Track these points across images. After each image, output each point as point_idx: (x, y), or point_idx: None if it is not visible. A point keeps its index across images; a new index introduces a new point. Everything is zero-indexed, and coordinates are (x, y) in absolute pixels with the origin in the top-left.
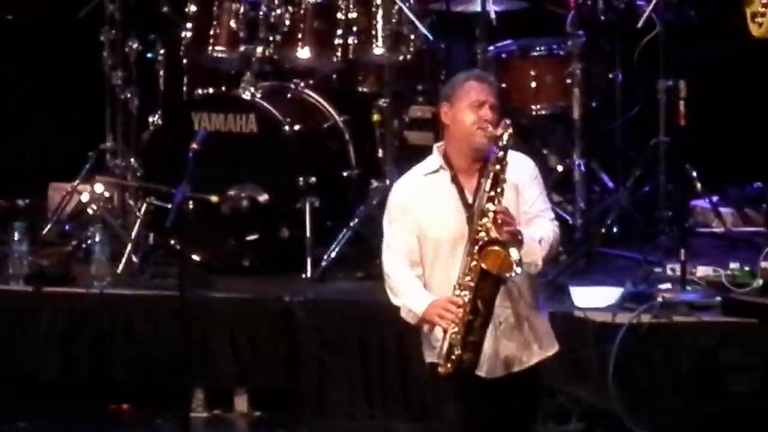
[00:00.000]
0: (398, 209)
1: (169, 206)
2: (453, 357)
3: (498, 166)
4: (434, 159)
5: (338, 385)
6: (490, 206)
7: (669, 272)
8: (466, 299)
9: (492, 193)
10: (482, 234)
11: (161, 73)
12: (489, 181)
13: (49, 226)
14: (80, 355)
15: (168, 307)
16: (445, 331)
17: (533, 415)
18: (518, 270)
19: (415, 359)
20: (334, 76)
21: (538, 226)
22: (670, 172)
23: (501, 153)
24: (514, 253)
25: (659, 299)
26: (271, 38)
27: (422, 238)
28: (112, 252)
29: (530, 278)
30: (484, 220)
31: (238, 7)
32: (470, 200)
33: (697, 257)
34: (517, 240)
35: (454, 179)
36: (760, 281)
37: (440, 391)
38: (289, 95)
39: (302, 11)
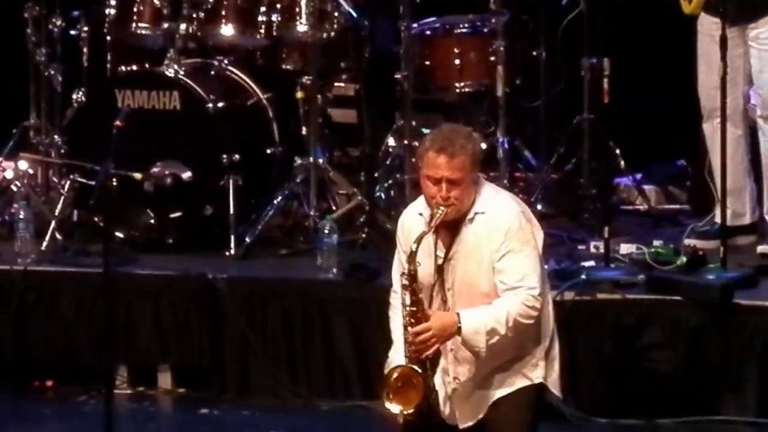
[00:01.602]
0: (396, 237)
1: (93, 183)
2: None
3: (408, 290)
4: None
5: (262, 362)
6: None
7: (593, 249)
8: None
9: (411, 309)
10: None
11: (85, 50)
12: (407, 295)
13: None
14: (4, 331)
15: (92, 284)
16: None
17: None
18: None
19: (338, 337)
20: (258, 53)
21: (502, 305)
22: (593, 149)
23: (406, 278)
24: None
25: (583, 276)
26: (194, 15)
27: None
28: (37, 229)
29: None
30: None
31: None
32: (441, 254)
33: (620, 234)
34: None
35: (432, 226)
36: (684, 259)
37: None
38: (212, 72)
39: None
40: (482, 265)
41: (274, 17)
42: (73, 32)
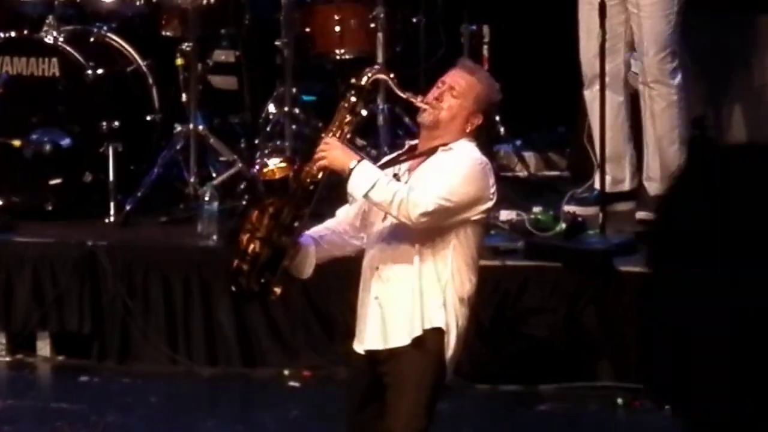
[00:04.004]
0: None
1: None
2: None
3: (346, 104)
4: None
5: (142, 330)
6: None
7: None
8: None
9: (334, 129)
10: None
11: None
12: (336, 117)
13: None
14: None
15: None
16: None
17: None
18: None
19: (218, 305)
20: (138, 20)
21: (401, 185)
22: None
23: (352, 91)
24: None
25: None
26: None
27: None
28: None
29: (418, 248)
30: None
31: None
32: (403, 178)
33: (500, 201)
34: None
35: (408, 151)
36: (563, 225)
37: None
38: (92, 39)
39: None
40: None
41: None
42: None
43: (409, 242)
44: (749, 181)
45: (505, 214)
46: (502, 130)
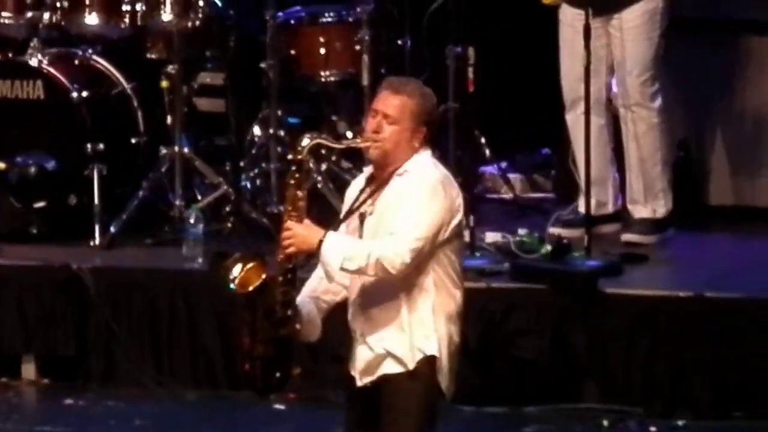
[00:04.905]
0: None
1: None
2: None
3: (291, 181)
4: None
5: (127, 352)
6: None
7: None
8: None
9: (290, 209)
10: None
11: None
12: (287, 197)
13: None
14: None
15: None
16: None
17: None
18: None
19: (204, 327)
20: (122, 42)
21: (373, 243)
22: (459, 138)
23: (293, 168)
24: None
25: None
26: (58, 4)
27: None
28: None
29: (400, 284)
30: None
31: None
32: (366, 209)
33: (485, 223)
34: (288, 261)
35: (368, 181)
36: (548, 247)
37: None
38: (76, 62)
39: None
40: (390, 221)
41: (138, 6)
42: None
43: (390, 280)
44: None
45: (491, 236)
46: (487, 152)
